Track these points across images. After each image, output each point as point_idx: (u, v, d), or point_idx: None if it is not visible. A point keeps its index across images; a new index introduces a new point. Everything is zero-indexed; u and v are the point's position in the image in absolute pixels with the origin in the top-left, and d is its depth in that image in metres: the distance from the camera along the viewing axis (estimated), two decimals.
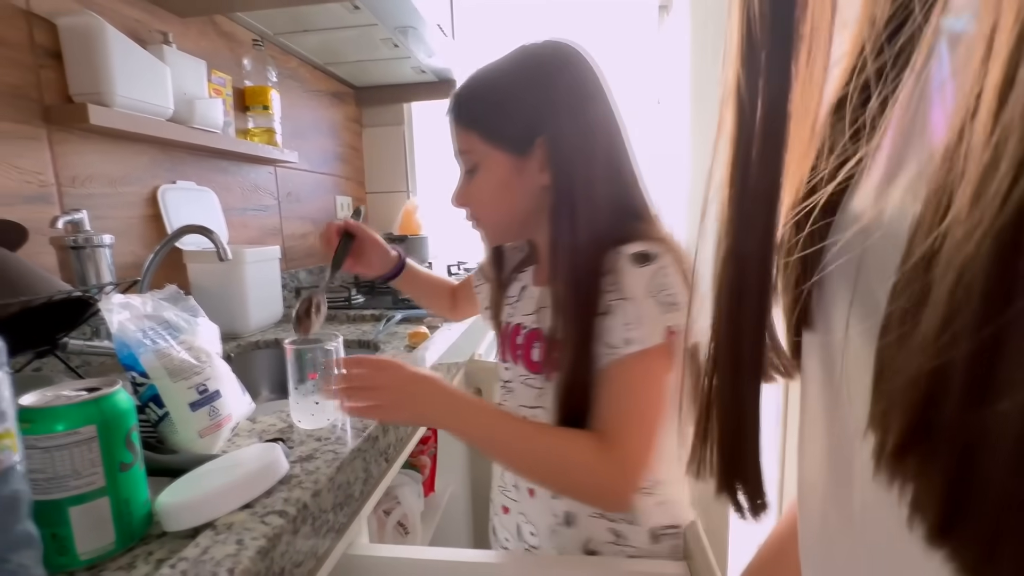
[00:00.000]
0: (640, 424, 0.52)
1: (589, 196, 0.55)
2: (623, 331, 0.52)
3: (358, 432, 0.59)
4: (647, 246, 0.53)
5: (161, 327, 0.58)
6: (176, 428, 0.55)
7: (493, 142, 0.57)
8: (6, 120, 0.83)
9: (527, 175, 0.57)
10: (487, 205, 0.60)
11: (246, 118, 1.42)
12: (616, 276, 0.53)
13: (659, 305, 0.51)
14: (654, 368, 0.52)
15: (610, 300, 0.53)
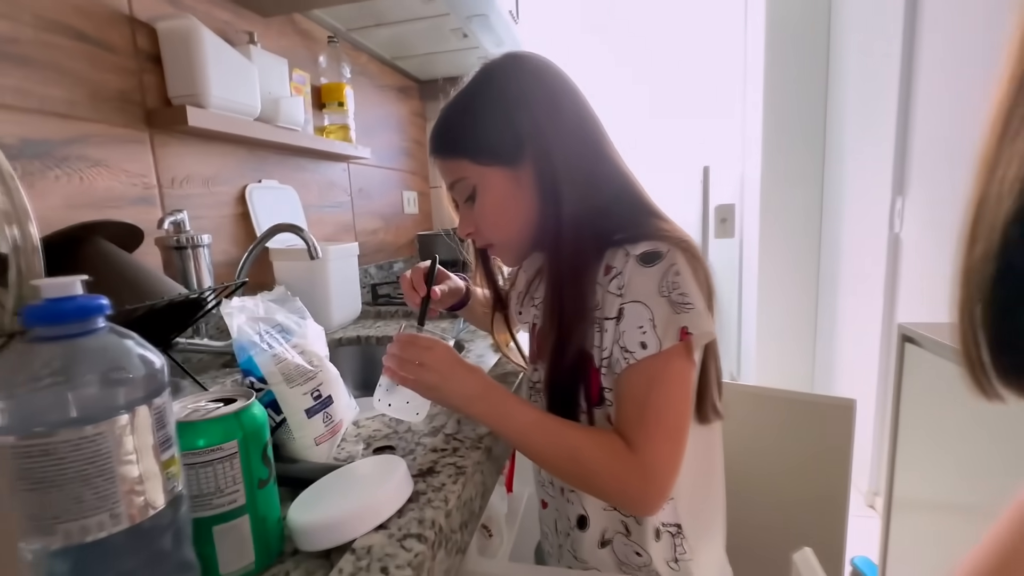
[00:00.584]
0: (664, 428, 0.51)
1: (573, 188, 0.55)
2: (637, 335, 0.51)
3: (473, 443, 0.56)
4: (653, 244, 0.53)
5: (274, 330, 0.56)
6: (293, 435, 0.53)
7: (483, 161, 0.57)
8: (116, 125, 0.86)
9: (525, 184, 0.57)
10: (495, 225, 0.60)
11: (322, 116, 1.43)
12: (624, 278, 0.52)
13: (672, 305, 0.50)
14: (673, 370, 0.51)
15: (621, 304, 0.52)
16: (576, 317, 0.55)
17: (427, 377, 0.54)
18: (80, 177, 0.80)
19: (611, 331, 0.53)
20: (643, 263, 0.52)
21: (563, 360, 0.56)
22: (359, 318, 1.34)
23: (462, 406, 0.54)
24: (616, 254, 0.55)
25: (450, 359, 0.55)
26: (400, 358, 0.55)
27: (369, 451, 0.60)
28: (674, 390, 0.52)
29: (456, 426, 0.61)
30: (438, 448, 0.55)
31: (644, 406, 0.51)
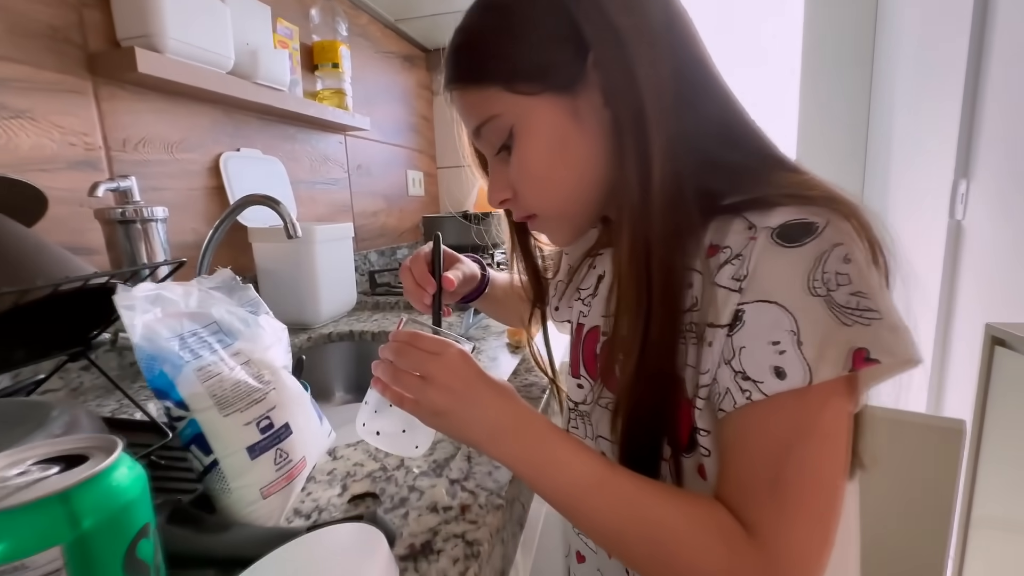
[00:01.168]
0: (809, 508, 0.32)
1: (665, 120, 0.36)
2: (768, 355, 0.31)
3: (491, 496, 0.39)
4: (799, 212, 0.33)
5: (207, 331, 0.39)
6: (228, 485, 0.37)
7: (525, 87, 0.38)
8: (46, 69, 0.69)
9: (588, 118, 0.38)
10: (543, 182, 0.41)
11: (314, 79, 1.26)
12: (748, 264, 0.33)
13: (834, 311, 0.31)
14: (830, 418, 0.32)
15: (740, 304, 0.33)
16: (667, 323, 0.36)
17: (433, 397, 0.37)
18: None
19: (718, 346, 0.34)
20: (782, 241, 0.32)
21: (652, 396, 0.38)
22: (354, 309, 1.18)
23: (483, 442, 0.37)
24: (729, 227, 0.35)
25: (467, 372, 0.37)
26: (396, 367, 0.38)
27: (345, 500, 0.43)
28: (830, 449, 0.32)
29: (465, 467, 0.44)
30: (439, 506, 0.38)
31: (778, 471, 0.32)
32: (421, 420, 0.38)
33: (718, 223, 0.36)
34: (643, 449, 0.39)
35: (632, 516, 0.34)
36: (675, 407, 0.37)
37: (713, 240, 0.36)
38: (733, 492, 0.34)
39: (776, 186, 0.35)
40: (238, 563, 0.31)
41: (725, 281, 0.34)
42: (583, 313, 0.50)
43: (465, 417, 0.36)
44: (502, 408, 0.37)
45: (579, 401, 0.49)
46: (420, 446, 0.42)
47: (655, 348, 0.36)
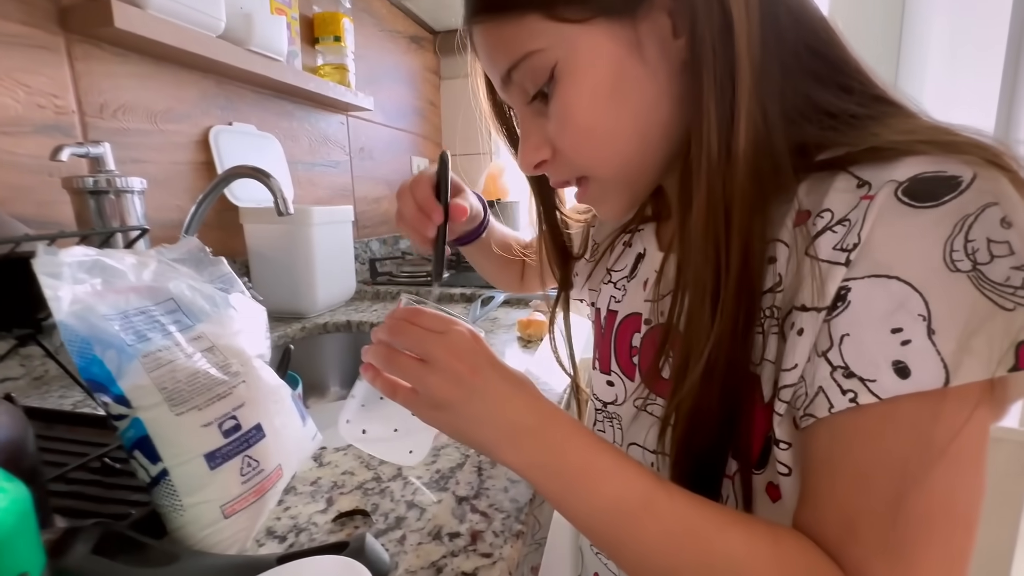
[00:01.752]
0: (935, 547, 0.24)
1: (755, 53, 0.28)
2: (887, 344, 0.24)
3: (509, 520, 0.31)
4: (934, 161, 0.24)
5: (160, 308, 0.32)
6: (181, 501, 0.29)
7: (572, 11, 0.29)
8: (10, 20, 0.62)
9: (651, 49, 0.30)
10: (597, 132, 0.32)
11: (315, 53, 1.18)
12: (862, 229, 0.25)
13: (987, 287, 0.22)
14: (968, 434, 0.23)
15: (847, 280, 0.25)
16: (744, 309, 0.29)
17: (434, 385, 0.29)
18: None
19: (810, 334, 0.26)
20: (911, 199, 0.24)
21: (707, 387, 0.30)
22: (352, 299, 1.10)
23: (496, 446, 0.29)
24: (829, 186, 0.27)
25: (477, 356, 0.30)
26: (390, 348, 0.31)
27: (330, 519, 0.35)
28: (966, 475, 0.24)
29: (476, 482, 0.36)
30: (444, 531, 0.30)
31: (896, 501, 0.24)
32: (419, 415, 0.31)
33: (811, 183, 0.28)
34: (702, 464, 0.31)
35: (690, 549, 0.26)
36: (747, 413, 0.30)
37: (804, 204, 0.28)
38: (827, 524, 0.26)
39: (900, 131, 0.26)
40: None
41: (825, 252, 0.26)
42: (615, 298, 0.42)
43: (473, 412, 0.29)
44: (521, 403, 0.29)
45: (609, 401, 0.42)
46: (415, 451, 0.35)
47: (727, 341, 0.29)
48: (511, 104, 0.37)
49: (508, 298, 1.02)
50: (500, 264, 0.61)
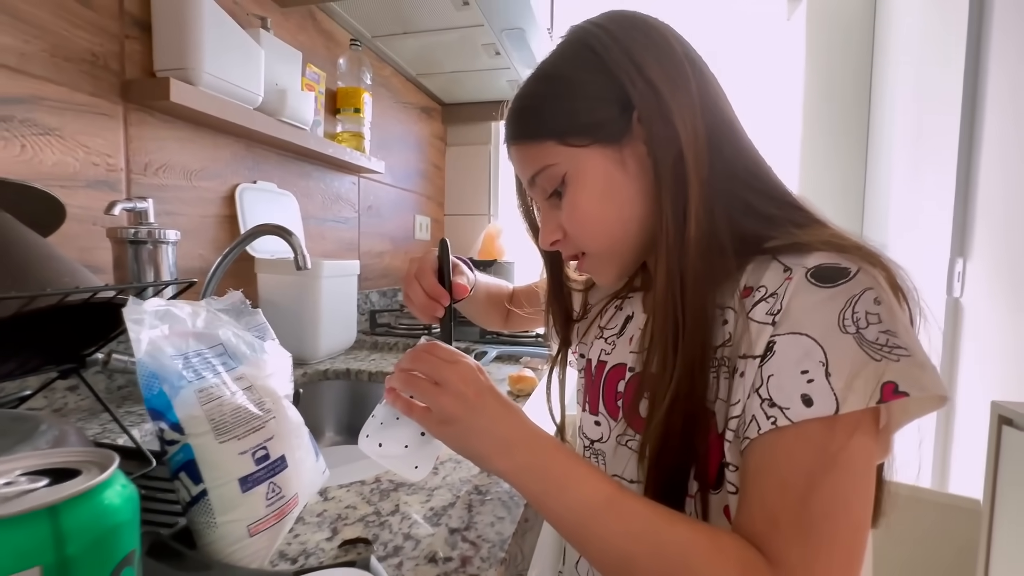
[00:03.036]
0: (831, 538, 0.31)
1: (702, 165, 0.39)
2: (797, 383, 0.32)
3: (494, 549, 0.36)
4: (833, 257, 0.35)
5: (212, 352, 0.38)
6: (215, 519, 0.34)
7: (577, 139, 0.42)
8: (81, 91, 0.71)
9: (632, 165, 0.42)
10: (593, 223, 0.44)
11: (335, 121, 1.30)
12: (783, 300, 0.35)
13: (866, 346, 0.32)
14: (856, 445, 0.32)
15: (774, 336, 0.34)
16: (703, 357, 0.38)
17: (445, 403, 0.37)
18: (23, 144, 0.65)
19: (749, 376, 0.34)
20: (816, 281, 0.34)
21: (682, 430, 0.38)
22: (352, 348, 1.16)
23: (491, 455, 0.36)
24: (764, 269, 0.37)
25: (480, 383, 0.38)
26: (410, 374, 0.39)
27: (335, 545, 0.40)
28: (856, 484, 0.32)
29: (466, 516, 0.41)
30: (438, 556, 0.35)
31: (802, 500, 0.31)
32: (429, 430, 0.38)
33: (755, 266, 0.38)
34: (670, 484, 0.39)
35: (646, 538, 0.33)
36: (704, 441, 0.38)
37: (748, 282, 0.38)
38: (755, 521, 0.33)
39: (811, 235, 0.37)
40: None
41: (759, 316, 0.35)
42: (605, 351, 0.50)
43: (475, 426, 0.36)
44: (513, 421, 0.37)
45: (595, 439, 0.49)
46: (420, 467, 0.41)
47: (685, 381, 0.37)
48: (534, 199, 0.49)
49: (500, 354, 1.08)
50: (486, 309, 0.73)
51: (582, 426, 0.52)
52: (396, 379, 0.40)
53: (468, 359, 0.40)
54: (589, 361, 0.53)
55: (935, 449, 1.71)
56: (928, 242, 1.81)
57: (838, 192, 2.25)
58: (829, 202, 2.24)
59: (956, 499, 0.67)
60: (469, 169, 2.06)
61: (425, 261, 0.57)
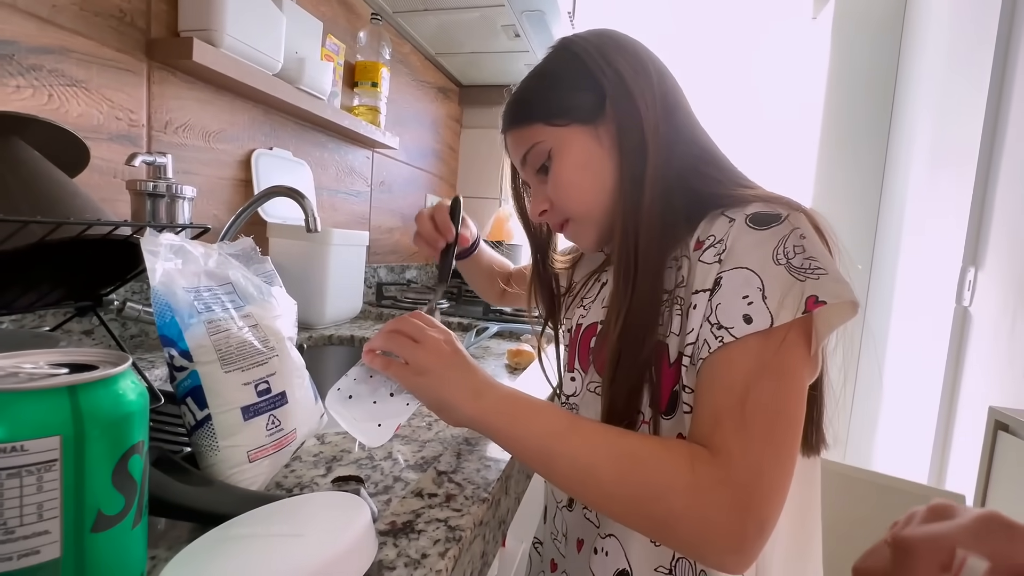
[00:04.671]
0: (770, 435, 0.36)
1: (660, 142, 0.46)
2: (739, 306, 0.38)
3: (478, 490, 0.38)
4: (768, 206, 0.42)
5: (222, 290, 0.40)
6: (217, 443, 0.36)
7: (560, 120, 0.50)
8: (108, 46, 0.73)
9: (606, 141, 0.49)
10: (574, 189, 0.51)
11: (352, 95, 1.32)
12: (727, 243, 0.41)
13: (793, 271, 0.38)
14: (790, 358, 0.38)
15: (720, 272, 0.40)
16: (651, 297, 0.44)
17: (422, 357, 0.42)
18: (50, 94, 0.67)
19: (701, 307, 0.40)
20: (754, 225, 0.41)
21: (629, 353, 0.43)
22: (357, 317, 1.18)
23: (463, 401, 0.40)
24: (714, 222, 0.43)
25: (454, 344, 0.44)
26: (391, 331, 0.44)
27: (328, 481, 0.42)
28: (788, 385, 0.37)
29: (454, 461, 0.43)
30: (425, 492, 0.37)
31: (742, 399, 0.36)
32: (405, 382, 0.42)
33: (707, 222, 0.44)
34: (624, 409, 0.44)
35: (604, 448, 0.37)
36: (657, 370, 0.43)
37: (700, 235, 0.44)
38: (704, 423, 0.38)
39: (749, 193, 0.44)
40: (218, 518, 0.30)
41: (709, 259, 0.41)
42: (582, 315, 0.55)
43: (448, 377, 0.41)
44: (479, 374, 0.43)
45: (571, 393, 0.54)
46: (383, 426, 0.43)
47: (636, 315, 0.43)
48: (525, 178, 0.55)
49: (500, 330, 1.10)
50: (486, 281, 0.82)
51: (561, 384, 0.57)
52: (379, 338, 0.44)
53: (444, 327, 0.45)
54: (570, 330, 0.57)
55: (933, 452, 1.71)
56: (940, 250, 1.80)
57: (854, 194, 2.22)
58: (844, 204, 2.22)
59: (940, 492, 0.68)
60: (483, 152, 2.06)
61: (440, 204, 0.67)
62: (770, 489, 0.35)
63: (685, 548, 0.37)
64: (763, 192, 0.44)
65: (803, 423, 0.38)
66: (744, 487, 0.34)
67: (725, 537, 0.34)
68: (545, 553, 0.58)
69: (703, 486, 0.35)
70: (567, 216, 0.52)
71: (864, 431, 2.22)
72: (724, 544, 0.34)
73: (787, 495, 0.36)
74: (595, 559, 0.47)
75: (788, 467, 0.36)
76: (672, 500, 0.35)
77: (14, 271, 0.43)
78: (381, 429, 0.42)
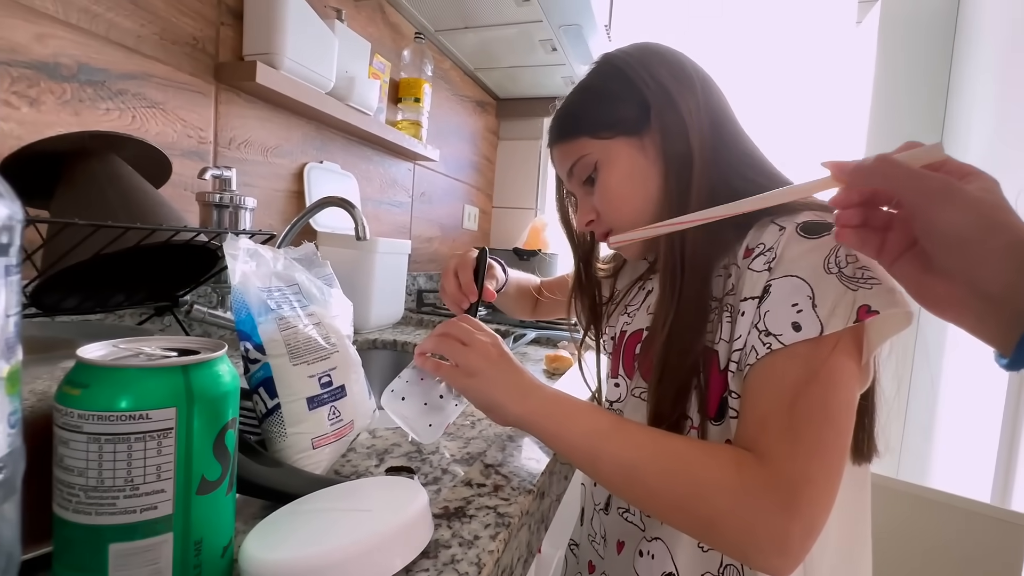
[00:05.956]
0: (818, 442, 0.36)
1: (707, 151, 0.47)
2: (788, 313, 0.38)
3: (524, 483, 0.40)
4: (819, 215, 0.42)
5: (290, 290, 0.44)
6: (286, 430, 0.40)
7: (606, 133, 0.51)
8: (183, 71, 0.80)
9: (651, 152, 0.50)
10: (620, 199, 0.52)
11: (396, 110, 1.38)
12: (777, 251, 0.41)
13: (844, 280, 0.38)
14: (839, 366, 0.37)
15: (769, 280, 0.40)
16: (699, 304, 0.44)
17: (472, 359, 0.44)
18: (133, 115, 0.74)
19: (749, 314, 0.40)
20: (805, 234, 0.41)
21: (675, 357, 0.44)
22: (399, 323, 1.22)
23: (511, 401, 0.42)
24: (764, 231, 0.43)
25: (500, 346, 0.46)
26: (441, 335, 0.47)
27: (382, 471, 0.45)
28: (837, 393, 0.37)
29: (500, 456, 0.45)
30: (474, 482, 0.39)
31: (790, 405, 0.36)
32: (456, 383, 0.44)
33: (756, 230, 0.44)
34: (670, 413, 0.44)
35: (648, 446, 0.38)
36: (706, 376, 0.43)
37: (750, 243, 0.44)
38: (750, 428, 0.38)
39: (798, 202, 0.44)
40: (288, 497, 0.33)
41: (758, 267, 0.42)
42: (626, 323, 0.55)
43: (496, 378, 0.43)
44: (525, 375, 0.44)
45: (615, 400, 0.54)
46: (434, 425, 0.46)
47: (683, 320, 0.44)
48: (572, 189, 0.56)
49: (537, 336, 1.12)
50: (515, 301, 0.81)
51: (601, 390, 0.58)
52: (429, 341, 0.46)
53: (491, 331, 0.48)
54: (614, 337, 0.57)
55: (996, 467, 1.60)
56: None
57: None
58: None
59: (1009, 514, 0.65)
60: (519, 163, 2.10)
61: (465, 259, 0.65)
62: (817, 494, 0.35)
63: (730, 549, 0.37)
64: (813, 200, 0.44)
65: (851, 431, 0.38)
66: (790, 491, 0.34)
67: (770, 540, 0.34)
68: (582, 555, 0.59)
69: (749, 488, 0.35)
70: (613, 226, 0.53)
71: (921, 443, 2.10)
72: (769, 547, 0.34)
73: (834, 501, 0.36)
74: (640, 561, 0.47)
75: (835, 474, 0.36)
76: (718, 500, 0.35)
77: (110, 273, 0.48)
78: (432, 428, 0.45)
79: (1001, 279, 0.28)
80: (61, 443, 0.22)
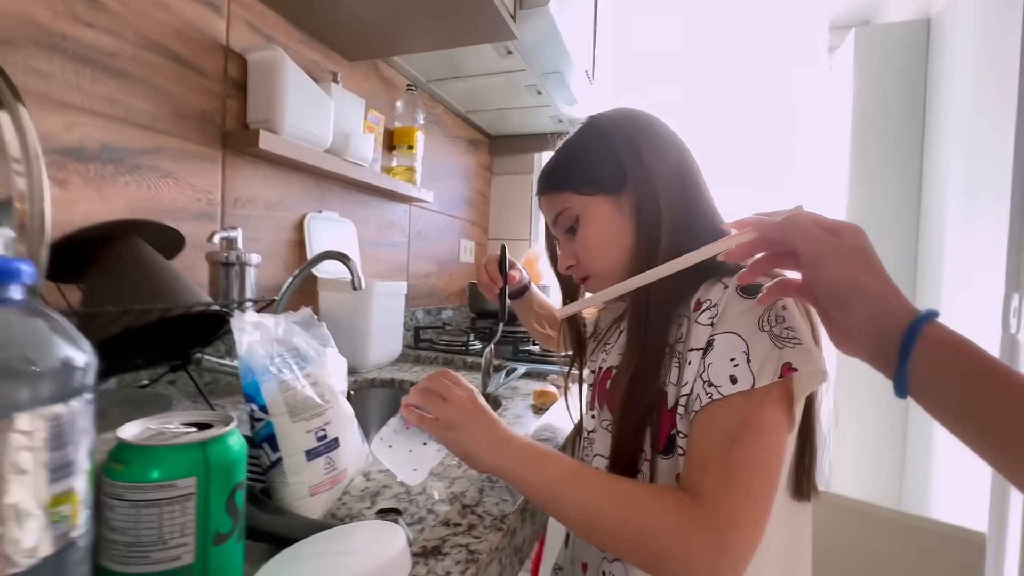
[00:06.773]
0: (746, 482, 0.41)
1: (673, 215, 0.54)
2: (727, 367, 0.44)
3: (494, 521, 0.45)
4: None
5: (289, 354, 0.50)
6: (287, 479, 0.45)
7: (587, 190, 0.58)
8: (192, 142, 0.89)
9: (626, 211, 0.57)
10: (596, 251, 0.58)
11: (391, 157, 1.46)
12: (719, 309, 0.47)
13: (773, 339, 0.44)
14: (767, 416, 0.43)
15: (712, 335, 0.47)
16: (657, 350, 0.51)
17: (451, 413, 0.49)
18: (148, 186, 0.82)
19: (695, 364, 0.47)
20: (743, 294, 0.47)
21: (637, 397, 0.50)
22: (397, 360, 1.28)
23: (486, 451, 0.47)
24: (712, 288, 0.50)
25: (477, 401, 0.51)
26: (423, 390, 0.52)
27: (373, 512, 0.50)
28: (766, 440, 0.42)
29: (477, 496, 0.51)
30: (451, 522, 0.45)
31: (725, 451, 0.42)
32: (437, 435, 0.49)
33: (706, 286, 0.51)
34: (629, 446, 0.51)
35: (607, 494, 0.43)
36: (658, 414, 0.50)
37: (700, 297, 0.50)
38: (692, 471, 0.44)
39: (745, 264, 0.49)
40: (288, 541, 0.39)
41: (704, 320, 0.48)
42: (604, 359, 0.61)
43: (473, 431, 0.48)
44: (500, 428, 0.49)
45: (591, 430, 0.60)
46: (418, 470, 0.51)
47: (644, 365, 0.51)
48: (556, 234, 0.64)
49: (529, 370, 1.17)
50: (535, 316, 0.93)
51: (584, 422, 0.64)
52: (413, 395, 0.51)
53: (468, 384, 0.52)
54: (594, 371, 0.64)
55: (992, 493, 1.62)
56: (983, 278, 1.75)
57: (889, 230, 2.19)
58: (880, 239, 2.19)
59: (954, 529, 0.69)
60: (512, 197, 2.19)
61: (491, 256, 0.85)
62: (745, 531, 0.40)
63: None
64: None
65: (779, 473, 0.43)
66: (721, 528, 0.39)
67: (703, 572, 0.39)
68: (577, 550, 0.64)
69: (686, 527, 0.40)
70: (589, 273, 0.60)
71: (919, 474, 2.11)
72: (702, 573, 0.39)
73: (762, 536, 0.41)
74: None
75: (763, 512, 0.41)
76: (661, 539, 0.40)
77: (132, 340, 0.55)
78: (417, 472, 0.50)
79: (869, 342, 0.35)
80: (107, 508, 0.28)
